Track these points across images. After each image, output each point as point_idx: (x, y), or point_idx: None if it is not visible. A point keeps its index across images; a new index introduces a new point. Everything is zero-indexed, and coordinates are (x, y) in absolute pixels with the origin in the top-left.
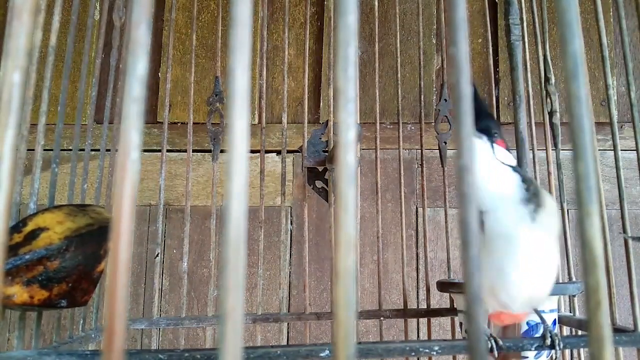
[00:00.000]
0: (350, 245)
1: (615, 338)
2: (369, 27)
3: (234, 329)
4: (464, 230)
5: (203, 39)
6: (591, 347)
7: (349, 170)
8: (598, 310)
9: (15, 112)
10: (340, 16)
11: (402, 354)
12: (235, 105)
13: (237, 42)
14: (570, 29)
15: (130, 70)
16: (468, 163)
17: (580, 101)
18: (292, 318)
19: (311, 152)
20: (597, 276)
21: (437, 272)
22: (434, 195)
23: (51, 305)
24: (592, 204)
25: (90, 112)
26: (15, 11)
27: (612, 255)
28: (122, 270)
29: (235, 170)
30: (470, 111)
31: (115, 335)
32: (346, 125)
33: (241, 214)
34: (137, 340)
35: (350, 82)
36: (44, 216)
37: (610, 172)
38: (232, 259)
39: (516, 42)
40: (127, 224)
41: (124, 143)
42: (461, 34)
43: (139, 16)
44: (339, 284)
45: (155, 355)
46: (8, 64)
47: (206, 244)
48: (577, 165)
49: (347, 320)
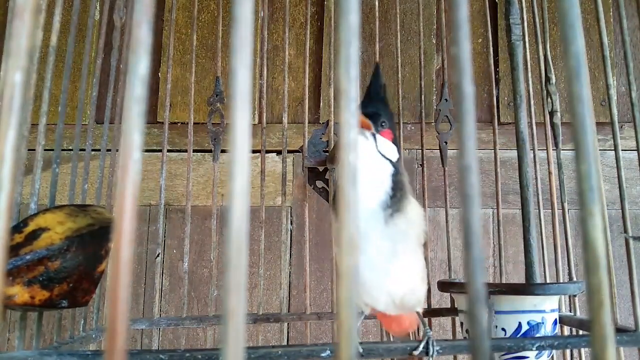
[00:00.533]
0: (353, 245)
1: (616, 338)
2: (369, 27)
3: (235, 329)
4: (466, 231)
5: (203, 39)
6: (594, 347)
7: (352, 170)
8: (601, 310)
9: (16, 112)
10: (342, 16)
11: (403, 353)
12: (237, 104)
13: (238, 41)
14: (573, 29)
15: (132, 70)
16: (470, 163)
17: (582, 101)
18: (293, 318)
19: (312, 152)
20: (600, 276)
21: (437, 272)
22: (434, 195)
23: (52, 306)
24: (595, 204)
25: (91, 112)
26: (17, 11)
27: (613, 255)
28: (123, 270)
29: (237, 170)
30: (473, 111)
31: (117, 336)
32: (349, 126)
33: (243, 214)
34: (137, 340)
35: (352, 82)
36: (44, 216)
37: (610, 172)
38: (234, 259)
39: (517, 42)
40: (129, 224)
41: (125, 143)
42: (463, 33)
43: (141, 16)
44: (341, 284)
45: (156, 355)
46: (9, 64)
47: (206, 244)
48: (579, 166)
49: (349, 320)
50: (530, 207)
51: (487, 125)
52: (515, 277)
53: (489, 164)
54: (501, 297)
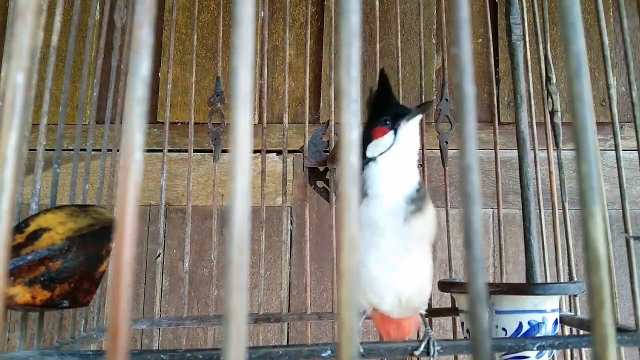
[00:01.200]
0: (353, 245)
1: (617, 338)
2: (369, 27)
3: (237, 329)
4: (467, 231)
5: (203, 39)
6: (595, 347)
7: (352, 170)
8: (602, 310)
9: (18, 113)
10: (343, 16)
11: (403, 353)
12: (238, 104)
13: (240, 41)
14: (574, 29)
15: (133, 71)
16: (471, 162)
17: (583, 101)
18: (294, 318)
19: (312, 152)
20: (601, 276)
21: (438, 272)
22: (434, 195)
23: (53, 306)
24: (595, 205)
25: (92, 112)
26: (19, 12)
27: (613, 255)
28: (125, 270)
29: (238, 170)
30: (473, 111)
31: (119, 336)
32: (349, 126)
33: (245, 214)
34: (137, 340)
35: (353, 82)
36: (45, 217)
37: (611, 172)
38: (236, 259)
39: (517, 42)
40: (130, 224)
41: (127, 144)
42: (464, 33)
43: (142, 16)
44: (342, 284)
45: (157, 355)
46: (12, 64)
47: (206, 244)
48: (580, 166)
49: (350, 320)
50: (531, 207)
51: (487, 125)
52: (515, 277)
53: (489, 164)
54: (502, 297)
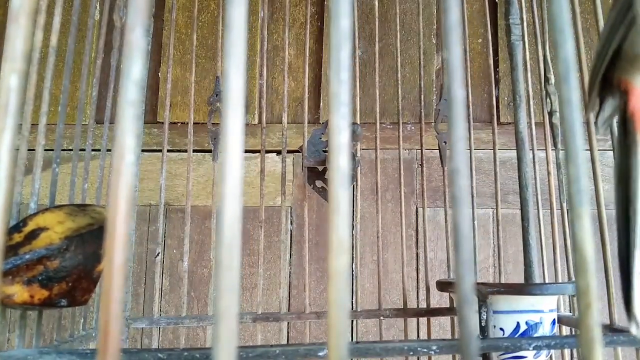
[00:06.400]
0: (342, 247)
1: (613, 338)
2: (369, 27)
3: (227, 330)
4: (456, 233)
5: (203, 39)
6: (582, 349)
7: (342, 172)
8: (588, 312)
9: (12, 115)
10: (333, 20)
11: (400, 353)
12: (230, 109)
13: (231, 45)
14: (562, 34)
15: (125, 74)
16: (460, 166)
17: (571, 105)
18: (293, 317)
19: (311, 151)
20: (587, 278)
21: (437, 272)
22: (434, 195)
23: (51, 305)
24: (583, 207)
25: (91, 112)
26: (13, 14)
27: (611, 255)
28: (117, 272)
29: (228, 171)
30: (463, 114)
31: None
32: (339, 129)
33: (235, 215)
34: (137, 340)
35: (343, 85)
36: (44, 216)
37: (610, 172)
38: (226, 261)
39: (516, 42)
40: (122, 227)
41: (118, 146)
42: (454, 38)
43: (135, 19)
44: (331, 285)
45: (154, 354)
46: (5, 67)
47: (206, 244)
48: (568, 168)
49: (339, 321)
50: (530, 207)
51: (486, 125)
52: (515, 277)
53: (489, 164)
54: (499, 297)
